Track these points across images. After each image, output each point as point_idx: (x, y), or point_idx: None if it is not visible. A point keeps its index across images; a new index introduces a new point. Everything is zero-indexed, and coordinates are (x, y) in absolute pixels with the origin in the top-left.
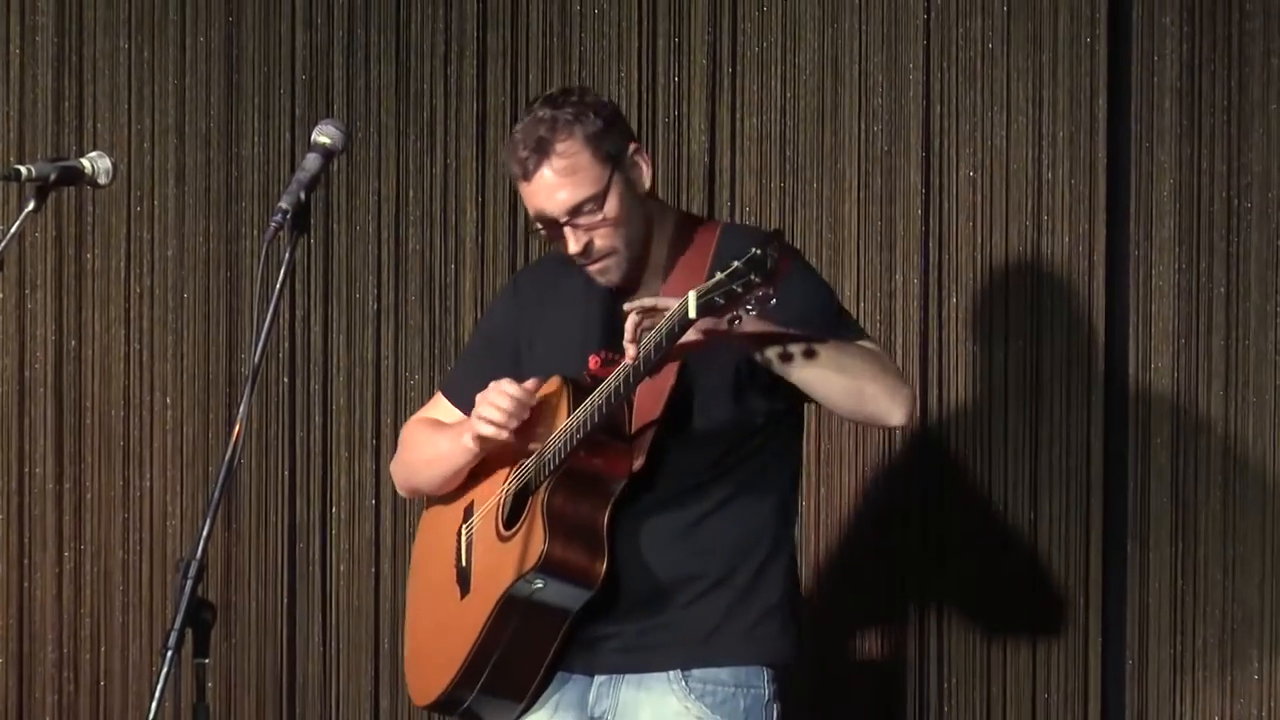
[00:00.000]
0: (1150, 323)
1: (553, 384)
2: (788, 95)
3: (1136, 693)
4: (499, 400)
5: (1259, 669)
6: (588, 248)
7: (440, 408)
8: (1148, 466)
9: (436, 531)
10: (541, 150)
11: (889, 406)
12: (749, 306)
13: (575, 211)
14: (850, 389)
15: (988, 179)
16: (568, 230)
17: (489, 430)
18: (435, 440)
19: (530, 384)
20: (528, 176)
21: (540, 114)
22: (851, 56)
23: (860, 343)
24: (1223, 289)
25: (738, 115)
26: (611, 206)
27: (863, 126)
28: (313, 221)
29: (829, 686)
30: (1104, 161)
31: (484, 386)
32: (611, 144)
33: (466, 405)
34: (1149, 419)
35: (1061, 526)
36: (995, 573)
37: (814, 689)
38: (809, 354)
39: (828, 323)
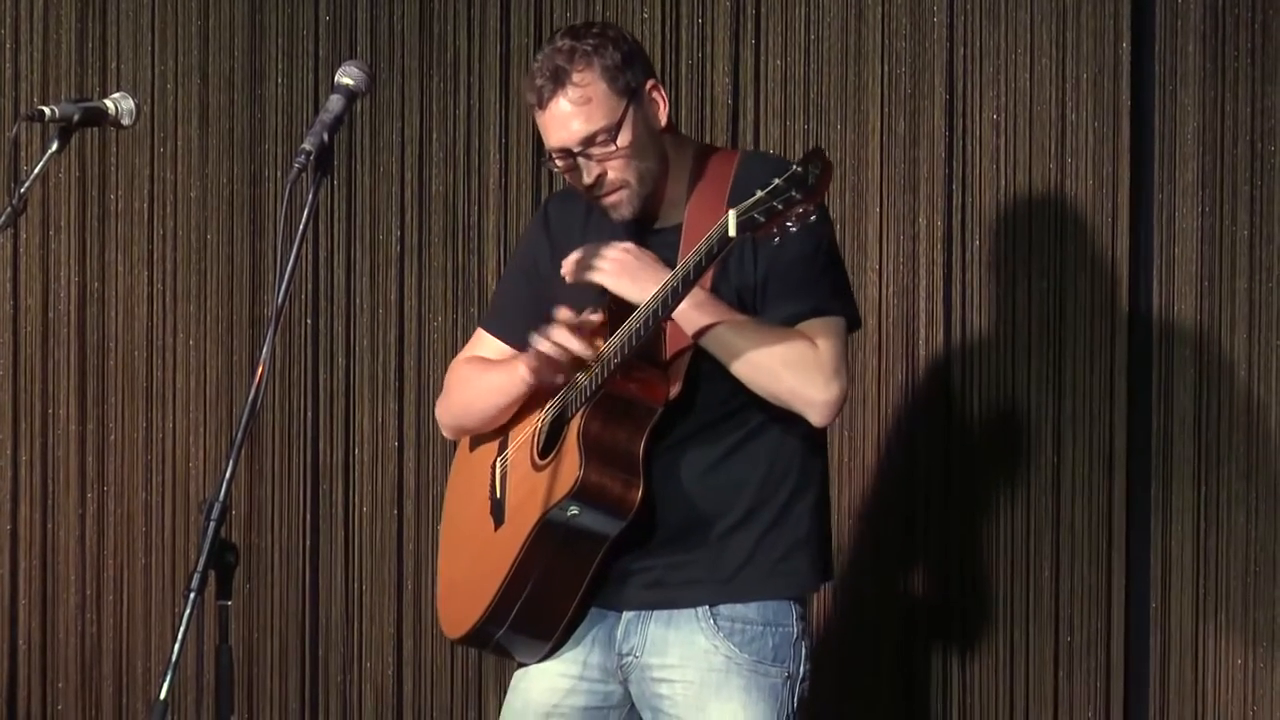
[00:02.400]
0: (1173, 266)
1: (586, 311)
2: (811, 37)
3: (1159, 636)
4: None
5: None
6: (599, 179)
7: (482, 344)
8: (1171, 410)
9: (470, 466)
10: (558, 80)
11: (802, 404)
12: (789, 223)
13: (588, 142)
14: (753, 370)
15: (1011, 122)
16: (580, 161)
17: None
18: (485, 376)
19: (566, 314)
20: (543, 105)
21: (560, 44)
22: None
23: (814, 321)
24: (1246, 232)
25: (761, 57)
26: (625, 138)
27: (886, 68)
28: (336, 163)
29: (848, 631)
30: (1128, 104)
31: (526, 316)
32: (629, 78)
33: (510, 336)
34: (1172, 363)
35: (1085, 470)
36: (1018, 516)
37: (836, 633)
38: (724, 343)
39: (802, 279)
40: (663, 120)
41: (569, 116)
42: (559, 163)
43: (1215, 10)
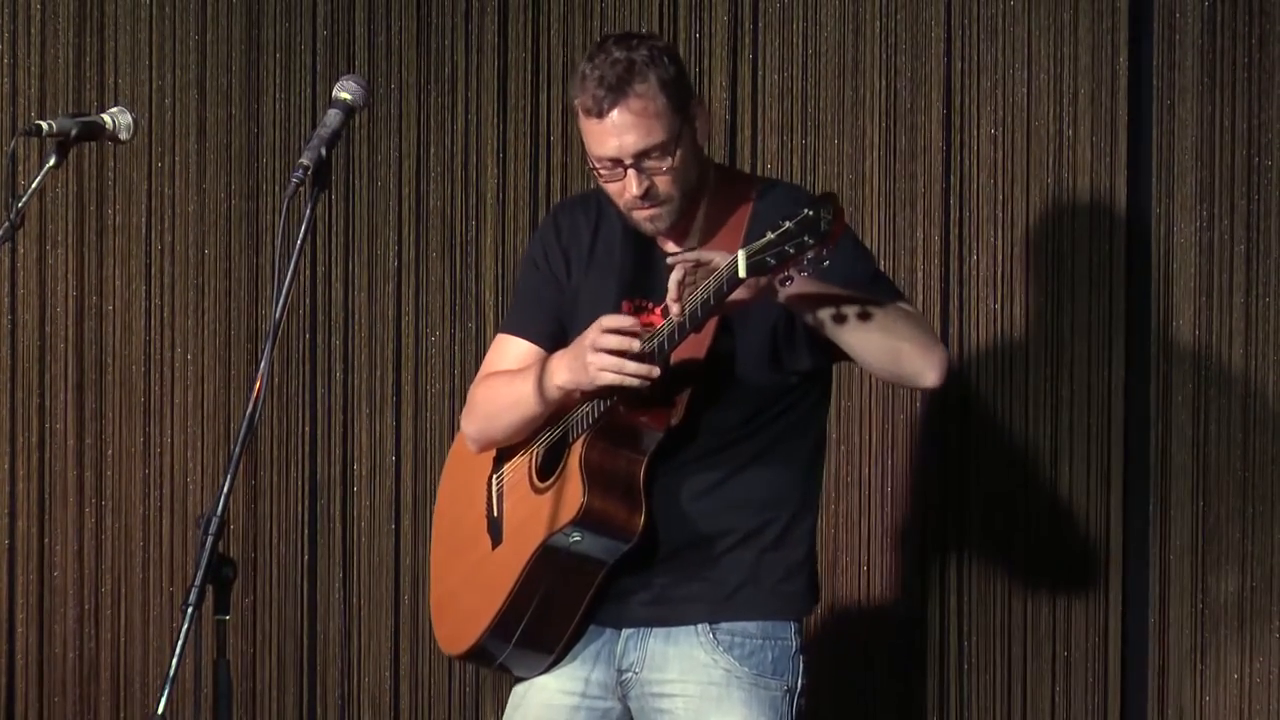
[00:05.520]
0: (1171, 280)
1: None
2: (809, 51)
3: (1157, 650)
4: (610, 343)
5: (1279, 627)
6: (649, 191)
7: (504, 350)
8: (1168, 425)
9: (462, 480)
10: (619, 90)
11: (923, 368)
12: (802, 269)
13: (643, 155)
14: (889, 349)
15: (1009, 136)
16: (631, 173)
17: (616, 378)
18: (511, 387)
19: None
20: (601, 115)
21: (616, 55)
22: (873, 12)
23: (898, 304)
24: (1243, 246)
25: (759, 71)
26: (679, 156)
27: (884, 83)
28: (334, 178)
29: (849, 645)
30: (1125, 119)
31: (546, 315)
32: (683, 93)
33: (533, 334)
34: (1170, 377)
35: (1082, 485)
36: (1016, 531)
37: (834, 647)
38: (863, 316)
39: (866, 285)
40: (706, 137)
41: (627, 128)
42: (604, 172)
43: (1213, 25)
